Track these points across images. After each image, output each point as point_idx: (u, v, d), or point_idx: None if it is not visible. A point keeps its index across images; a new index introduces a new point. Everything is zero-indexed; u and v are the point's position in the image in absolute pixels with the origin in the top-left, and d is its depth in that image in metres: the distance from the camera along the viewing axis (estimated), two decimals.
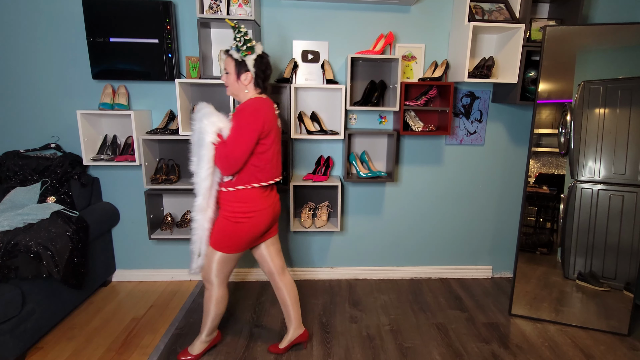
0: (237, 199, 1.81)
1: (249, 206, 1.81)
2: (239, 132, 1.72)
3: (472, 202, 2.94)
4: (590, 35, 2.21)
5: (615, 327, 2.32)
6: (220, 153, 1.73)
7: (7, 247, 1.92)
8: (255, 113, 1.74)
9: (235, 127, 1.73)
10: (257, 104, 1.77)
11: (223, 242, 1.85)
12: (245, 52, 1.77)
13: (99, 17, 2.33)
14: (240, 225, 1.82)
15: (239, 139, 1.71)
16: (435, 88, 2.57)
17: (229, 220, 1.82)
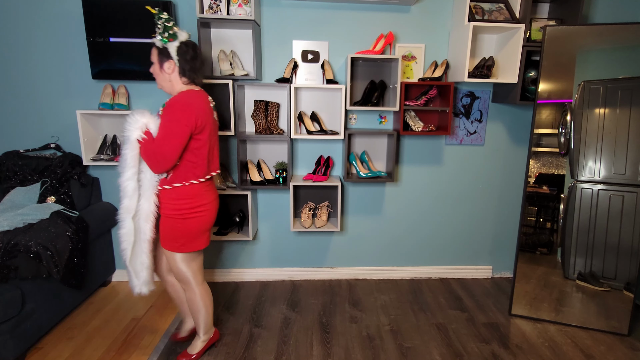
0: (180, 196, 1.75)
1: (195, 201, 1.77)
2: (167, 127, 1.64)
3: (472, 202, 2.94)
4: (590, 35, 2.21)
5: (615, 327, 2.31)
6: (147, 150, 1.66)
7: (7, 247, 1.92)
8: (185, 107, 1.65)
9: (163, 123, 1.65)
10: (188, 98, 1.68)
11: (177, 242, 1.79)
12: (166, 39, 1.69)
13: (98, 17, 2.33)
14: (189, 221, 1.77)
15: (168, 134, 1.64)
16: (435, 88, 2.57)
17: (175, 219, 1.77)
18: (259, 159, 2.69)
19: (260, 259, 2.93)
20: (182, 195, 1.76)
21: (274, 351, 2.12)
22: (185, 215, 1.77)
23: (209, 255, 2.89)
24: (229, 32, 2.50)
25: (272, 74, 2.61)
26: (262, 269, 2.94)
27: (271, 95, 2.62)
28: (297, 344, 2.19)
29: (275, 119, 2.57)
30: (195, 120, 1.67)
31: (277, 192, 2.81)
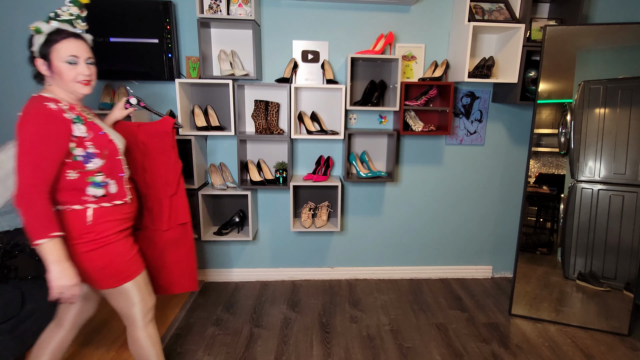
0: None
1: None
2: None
3: (472, 202, 2.94)
4: (590, 35, 2.21)
5: (616, 327, 2.31)
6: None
7: (6, 248, 1.92)
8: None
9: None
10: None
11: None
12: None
13: (98, 17, 2.33)
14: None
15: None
16: (435, 88, 2.57)
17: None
18: (259, 159, 2.69)
19: (260, 259, 2.93)
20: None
21: (274, 351, 2.12)
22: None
23: (209, 254, 2.89)
24: (229, 32, 2.50)
25: (272, 74, 2.61)
26: (262, 269, 2.94)
27: (271, 95, 2.62)
28: (297, 343, 2.19)
29: (275, 119, 2.57)
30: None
31: (277, 192, 2.81)
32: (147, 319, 1.57)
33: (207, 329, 2.31)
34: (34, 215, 1.26)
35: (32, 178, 1.28)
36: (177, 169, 1.86)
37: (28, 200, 1.26)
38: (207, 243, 2.86)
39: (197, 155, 2.49)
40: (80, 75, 1.38)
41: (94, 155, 1.39)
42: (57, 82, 1.38)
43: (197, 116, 2.49)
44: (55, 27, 1.37)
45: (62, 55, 1.35)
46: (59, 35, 1.36)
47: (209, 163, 2.73)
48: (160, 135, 1.81)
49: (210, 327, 2.33)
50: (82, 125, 1.38)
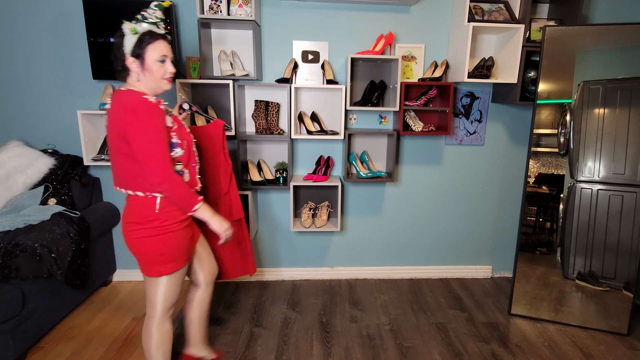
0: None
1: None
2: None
3: (472, 202, 2.94)
4: (589, 36, 2.21)
5: (615, 326, 2.32)
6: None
7: (7, 247, 1.93)
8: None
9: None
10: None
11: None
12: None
13: (99, 17, 2.33)
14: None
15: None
16: (435, 88, 2.57)
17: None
18: (259, 159, 2.70)
19: (261, 258, 2.94)
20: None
21: (274, 351, 2.13)
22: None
23: None
24: (229, 33, 2.50)
25: (272, 74, 2.61)
26: (262, 268, 2.95)
27: (271, 96, 2.62)
28: (297, 343, 2.19)
29: (275, 119, 2.58)
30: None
31: (277, 192, 2.82)
32: (168, 314, 1.64)
33: (208, 329, 2.31)
34: (181, 193, 1.47)
35: (166, 164, 1.43)
36: (227, 169, 1.94)
37: (172, 183, 1.43)
38: None
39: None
40: (167, 73, 1.50)
41: (176, 145, 1.51)
42: (145, 79, 1.47)
43: (197, 116, 2.49)
44: (146, 28, 1.46)
45: (155, 54, 1.45)
46: (151, 37, 1.45)
47: None
48: (211, 137, 1.90)
49: (210, 326, 2.34)
50: (169, 117, 1.53)
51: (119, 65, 1.48)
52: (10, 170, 2.31)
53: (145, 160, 1.41)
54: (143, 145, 1.40)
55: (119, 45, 1.45)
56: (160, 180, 1.42)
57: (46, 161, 2.42)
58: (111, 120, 1.46)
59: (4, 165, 2.31)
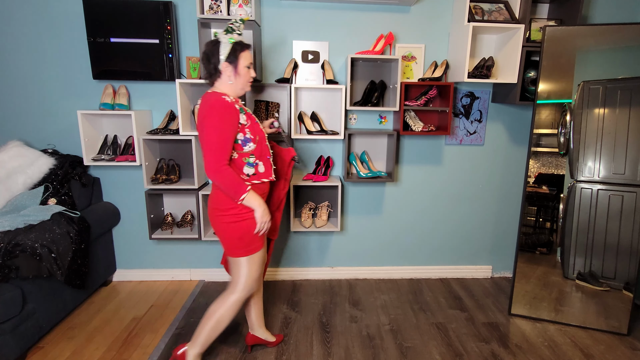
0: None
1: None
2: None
3: (472, 202, 2.94)
4: (589, 36, 2.21)
5: (615, 326, 2.32)
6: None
7: (7, 247, 1.93)
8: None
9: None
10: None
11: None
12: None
13: (99, 17, 2.33)
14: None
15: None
16: (435, 88, 2.57)
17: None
18: None
19: None
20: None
21: (274, 350, 2.13)
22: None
23: (209, 254, 2.90)
24: None
25: (272, 74, 2.61)
26: None
27: (271, 96, 2.62)
28: (297, 343, 2.20)
29: None
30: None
31: None
32: (245, 294, 1.83)
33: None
34: (231, 183, 1.63)
35: (221, 156, 1.61)
36: (282, 192, 2.03)
37: (222, 173, 1.61)
38: (207, 243, 2.87)
39: (198, 155, 2.49)
40: (251, 77, 1.75)
41: (249, 140, 1.71)
42: (236, 82, 1.72)
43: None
44: (238, 39, 1.70)
45: (245, 61, 1.71)
46: (242, 47, 1.71)
47: None
48: (280, 158, 2.02)
49: None
50: (244, 114, 1.71)
51: (212, 69, 1.71)
52: (10, 170, 2.32)
53: (205, 151, 1.62)
54: (207, 138, 1.61)
55: (214, 51, 1.68)
56: (213, 171, 1.61)
57: (46, 161, 2.43)
58: (198, 118, 1.69)
59: (4, 165, 2.31)
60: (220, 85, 1.73)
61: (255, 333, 2.10)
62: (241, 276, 1.80)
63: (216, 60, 1.68)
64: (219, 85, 1.73)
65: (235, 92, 1.74)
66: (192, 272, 2.92)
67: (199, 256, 2.90)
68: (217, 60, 1.68)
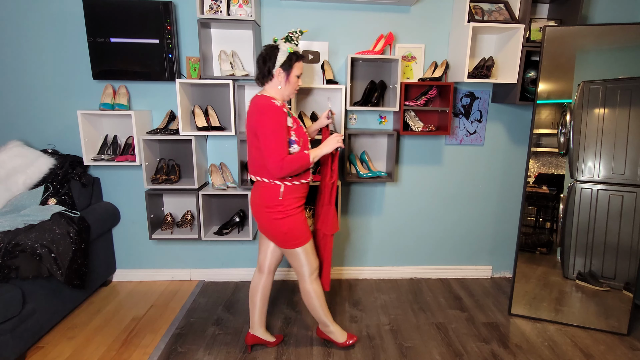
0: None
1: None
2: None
3: (472, 202, 2.94)
4: (589, 36, 2.21)
5: (615, 326, 2.32)
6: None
7: (7, 247, 1.93)
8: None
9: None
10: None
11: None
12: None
13: (99, 18, 2.33)
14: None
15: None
16: (435, 88, 2.57)
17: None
18: None
19: None
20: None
21: (274, 350, 2.13)
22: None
23: (209, 254, 2.90)
24: (229, 33, 2.50)
25: None
26: None
27: None
28: (297, 343, 2.19)
29: None
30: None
31: None
32: (313, 277, 1.98)
33: (208, 329, 2.31)
34: (295, 163, 1.75)
35: (282, 154, 1.73)
36: (331, 182, 2.05)
37: (285, 165, 1.73)
38: (207, 243, 2.87)
39: (198, 155, 2.49)
40: (298, 86, 1.86)
41: (294, 142, 1.80)
42: (285, 88, 1.82)
43: (197, 116, 2.49)
44: (295, 49, 1.80)
45: (297, 71, 1.81)
46: (297, 57, 1.81)
47: (210, 163, 2.74)
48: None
49: (210, 326, 2.34)
50: (290, 118, 1.80)
51: (265, 72, 1.79)
52: (10, 170, 2.31)
53: (266, 152, 1.73)
54: (266, 140, 1.72)
55: (272, 56, 1.77)
56: (278, 169, 1.73)
57: (46, 161, 2.43)
58: (248, 119, 1.81)
59: (4, 165, 2.31)
60: (269, 88, 1.83)
61: (255, 333, 2.12)
62: (302, 265, 1.95)
63: (271, 65, 1.77)
64: (269, 88, 1.83)
65: (282, 96, 1.84)
66: (192, 272, 2.92)
67: (199, 256, 2.90)
68: (272, 65, 1.77)
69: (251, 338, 2.12)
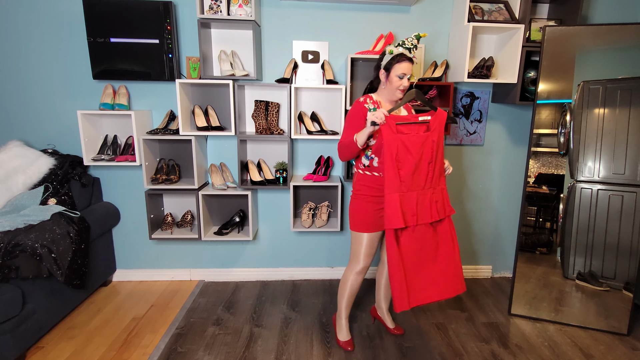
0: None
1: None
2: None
3: (472, 202, 2.94)
4: (589, 36, 2.21)
5: (615, 326, 2.32)
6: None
7: (7, 247, 1.93)
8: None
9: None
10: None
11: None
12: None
13: (99, 18, 2.33)
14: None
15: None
16: (435, 88, 2.57)
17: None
18: (259, 159, 2.70)
19: (260, 258, 2.94)
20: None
21: (274, 351, 2.13)
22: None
23: (209, 254, 2.90)
24: (229, 33, 2.50)
25: (272, 74, 2.61)
26: (262, 268, 2.95)
27: (271, 96, 2.62)
28: (297, 343, 2.20)
29: (275, 119, 2.58)
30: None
31: (277, 192, 2.82)
32: (358, 269, 2.04)
33: (208, 329, 2.31)
34: (342, 145, 1.89)
35: (342, 139, 1.89)
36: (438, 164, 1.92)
37: (340, 147, 1.92)
38: (207, 243, 2.87)
39: (198, 155, 2.49)
40: (401, 86, 1.84)
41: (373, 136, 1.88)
42: (387, 88, 1.88)
43: (197, 116, 2.49)
44: (400, 51, 1.83)
45: (398, 71, 1.82)
46: (400, 58, 1.82)
47: (210, 163, 2.74)
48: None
49: (210, 326, 2.34)
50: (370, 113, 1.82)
51: (375, 75, 1.92)
52: (10, 170, 2.31)
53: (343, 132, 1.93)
54: (344, 124, 1.94)
55: (380, 59, 1.88)
56: (338, 149, 1.93)
57: (46, 161, 2.43)
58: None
59: (4, 165, 2.31)
60: (379, 89, 1.94)
61: (378, 311, 2.34)
62: (353, 249, 2.05)
63: (378, 67, 1.89)
64: (379, 89, 1.94)
65: (385, 96, 1.91)
66: (192, 272, 2.92)
67: (198, 256, 2.90)
68: (378, 67, 1.89)
69: (373, 310, 2.39)
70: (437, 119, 1.85)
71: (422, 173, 1.81)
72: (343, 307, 2.14)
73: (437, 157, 1.84)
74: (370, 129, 1.76)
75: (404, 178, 1.79)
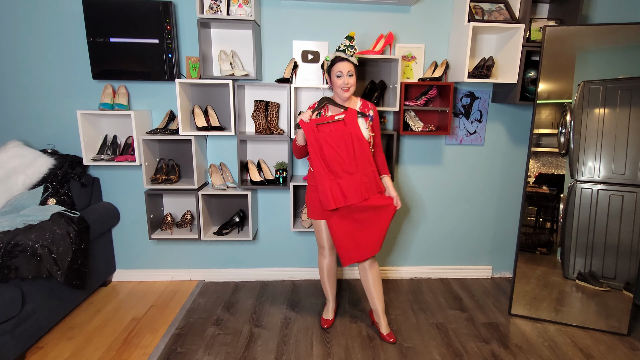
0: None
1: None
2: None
3: (472, 202, 2.94)
4: (589, 36, 2.21)
5: (615, 327, 2.32)
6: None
7: (7, 247, 1.92)
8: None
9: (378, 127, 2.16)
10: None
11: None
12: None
13: (99, 17, 2.33)
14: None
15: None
16: (435, 88, 2.57)
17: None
18: (259, 159, 2.69)
19: (260, 258, 2.93)
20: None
21: (274, 351, 2.13)
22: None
23: (209, 254, 2.90)
24: (229, 33, 2.50)
25: (272, 74, 2.61)
26: (262, 268, 2.94)
27: (271, 96, 2.62)
28: (297, 343, 2.19)
29: (275, 119, 2.57)
30: None
31: (277, 192, 2.81)
32: (322, 252, 2.28)
33: (207, 329, 2.31)
34: (298, 152, 2.19)
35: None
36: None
37: (294, 146, 2.18)
38: (207, 243, 2.87)
39: (197, 155, 2.49)
40: (342, 84, 2.00)
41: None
42: (334, 89, 2.07)
43: (197, 116, 2.49)
44: (335, 55, 2.03)
45: (335, 71, 2.02)
46: (335, 60, 2.03)
47: (209, 163, 2.74)
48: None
49: (210, 327, 2.34)
50: (314, 112, 2.06)
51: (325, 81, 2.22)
52: (10, 170, 2.31)
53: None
54: None
55: (322, 67, 2.17)
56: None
57: (46, 161, 2.42)
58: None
59: (3, 165, 2.30)
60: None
61: (374, 315, 2.33)
62: (316, 238, 2.27)
63: (324, 74, 2.13)
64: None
65: (337, 96, 2.08)
66: (191, 272, 2.92)
67: (198, 256, 2.90)
68: (324, 74, 2.13)
69: (370, 313, 2.43)
70: (348, 115, 2.03)
71: (347, 161, 2.00)
72: (325, 289, 2.37)
73: (358, 145, 2.01)
74: (299, 131, 2.03)
75: (332, 168, 2.01)
